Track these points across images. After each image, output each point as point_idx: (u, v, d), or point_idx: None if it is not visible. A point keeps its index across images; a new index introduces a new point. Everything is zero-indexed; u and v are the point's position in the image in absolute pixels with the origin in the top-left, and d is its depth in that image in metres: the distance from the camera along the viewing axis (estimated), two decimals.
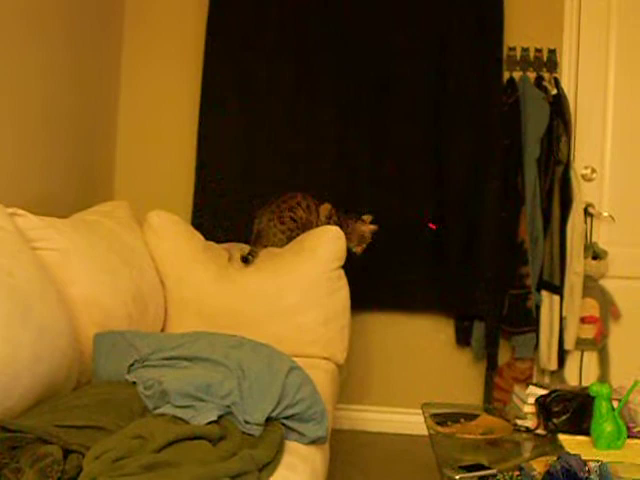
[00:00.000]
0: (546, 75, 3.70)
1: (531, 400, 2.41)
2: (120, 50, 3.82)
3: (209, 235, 3.24)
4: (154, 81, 3.85)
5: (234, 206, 3.66)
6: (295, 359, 2.14)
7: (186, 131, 3.81)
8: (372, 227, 3.29)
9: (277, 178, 3.65)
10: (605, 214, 3.75)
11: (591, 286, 3.67)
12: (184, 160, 3.81)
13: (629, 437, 2.18)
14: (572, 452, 1.91)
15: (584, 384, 3.50)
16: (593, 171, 3.77)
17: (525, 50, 3.70)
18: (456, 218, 3.63)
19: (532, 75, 3.70)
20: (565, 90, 3.68)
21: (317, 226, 3.18)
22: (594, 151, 3.77)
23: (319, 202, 3.29)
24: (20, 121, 2.84)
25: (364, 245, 3.29)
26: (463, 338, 3.74)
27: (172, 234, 3.03)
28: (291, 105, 3.70)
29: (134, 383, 2.00)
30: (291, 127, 3.69)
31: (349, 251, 3.13)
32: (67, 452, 1.57)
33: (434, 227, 3.64)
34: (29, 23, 2.84)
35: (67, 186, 3.27)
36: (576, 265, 3.61)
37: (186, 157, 3.80)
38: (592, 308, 3.68)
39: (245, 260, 3.02)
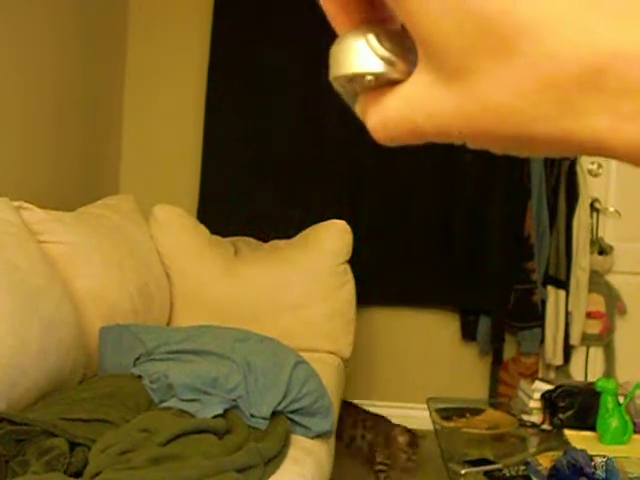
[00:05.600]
0: None
1: (537, 395, 2.41)
2: (125, 42, 3.82)
3: (215, 229, 3.24)
4: (160, 74, 3.85)
5: (240, 200, 3.65)
6: (301, 353, 2.14)
7: (192, 125, 3.81)
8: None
9: (283, 172, 3.65)
10: (611, 209, 3.74)
11: (597, 281, 3.66)
12: (190, 154, 3.81)
13: (635, 432, 2.18)
14: (578, 447, 1.91)
15: (590, 379, 3.49)
16: (599, 166, 3.75)
17: None
18: (462, 213, 3.62)
19: None
20: None
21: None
22: None
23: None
24: (28, 115, 2.84)
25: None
26: (469, 333, 3.73)
27: (178, 228, 3.03)
28: (298, 97, 3.69)
29: (140, 377, 2.01)
30: (298, 120, 3.68)
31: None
32: (73, 445, 1.57)
33: None
34: (45, 25, 2.85)
35: (73, 180, 3.27)
36: (582, 260, 3.60)
37: (192, 151, 3.80)
38: (598, 303, 3.67)
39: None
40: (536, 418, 2.36)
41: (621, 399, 2.19)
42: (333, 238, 3.02)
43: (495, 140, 0.30)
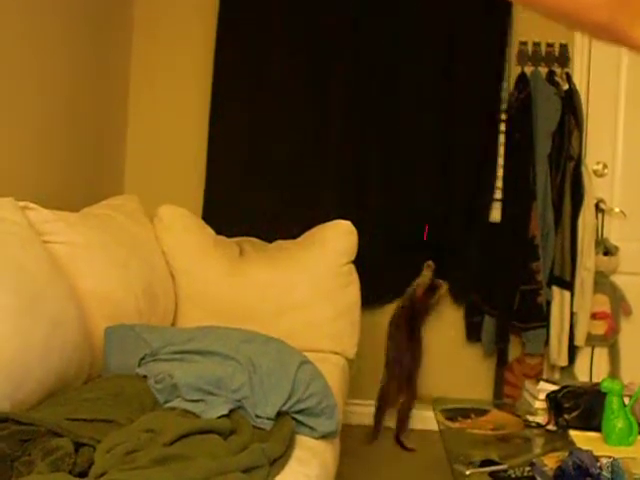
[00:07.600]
0: (558, 70, 3.68)
1: (542, 396, 2.40)
2: (130, 42, 3.82)
3: (219, 229, 3.24)
4: (164, 75, 3.85)
5: (245, 200, 3.65)
6: (305, 354, 2.14)
7: (197, 125, 3.81)
8: None
9: (288, 172, 3.65)
10: (616, 210, 3.74)
11: (602, 282, 3.66)
12: (195, 154, 3.81)
13: None
14: (583, 448, 1.91)
15: (594, 380, 3.49)
16: (605, 167, 3.75)
17: (537, 45, 3.68)
18: (465, 212, 3.62)
19: (544, 70, 3.67)
20: (577, 85, 3.66)
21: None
22: (606, 147, 3.75)
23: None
24: (34, 117, 2.85)
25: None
26: (473, 333, 3.73)
27: (182, 228, 3.03)
28: (301, 98, 3.68)
29: (145, 377, 2.00)
30: (301, 120, 3.68)
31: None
32: (78, 445, 1.57)
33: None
34: (53, 28, 2.85)
35: (78, 180, 3.27)
36: (587, 261, 3.59)
37: (197, 151, 3.80)
38: (603, 304, 3.66)
39: None
40: (541, 419, 2.35)
41: (626, 400, 2.19)
42: (338, 238, 3.01)
43: (550, 13, 0.32)
